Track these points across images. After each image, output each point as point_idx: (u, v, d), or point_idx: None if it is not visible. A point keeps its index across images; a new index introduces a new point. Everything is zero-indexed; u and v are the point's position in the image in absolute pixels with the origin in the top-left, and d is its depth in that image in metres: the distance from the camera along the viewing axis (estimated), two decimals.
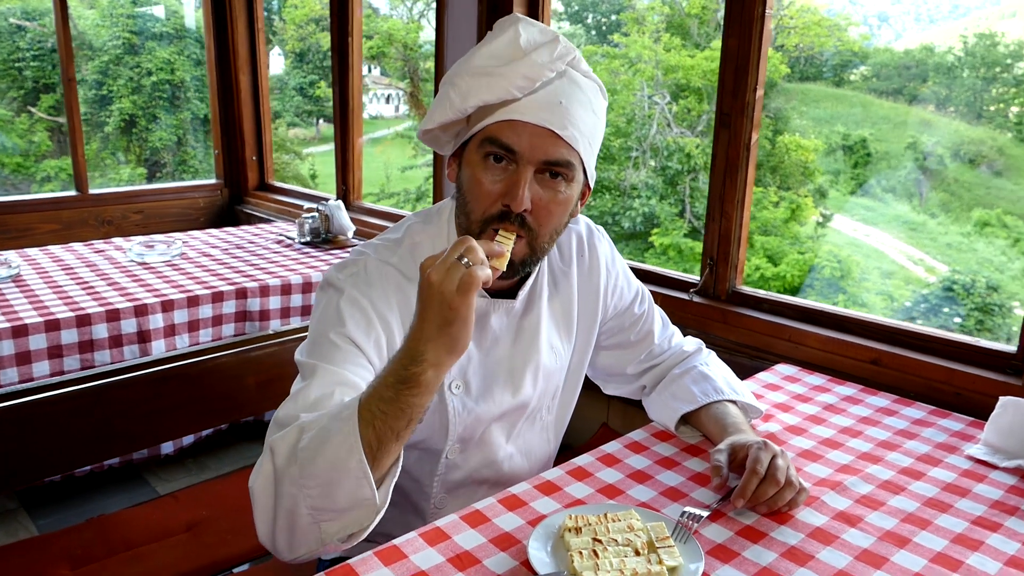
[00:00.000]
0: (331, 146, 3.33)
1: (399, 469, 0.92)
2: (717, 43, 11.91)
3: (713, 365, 1.41)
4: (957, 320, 9.67)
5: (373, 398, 0.88)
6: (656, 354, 1.43)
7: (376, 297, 1.10)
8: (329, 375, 1.01)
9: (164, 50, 12.59)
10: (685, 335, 1.48)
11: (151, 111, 12.73)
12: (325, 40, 13.62)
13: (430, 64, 13.15)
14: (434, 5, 2.59)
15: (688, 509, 1.08)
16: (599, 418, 2.18)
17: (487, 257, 0.89)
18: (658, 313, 1.45)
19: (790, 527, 1.08)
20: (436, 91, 2.56)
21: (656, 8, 12.70)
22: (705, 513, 1.07)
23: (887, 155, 11.63)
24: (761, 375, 1.71)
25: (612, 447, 1.32)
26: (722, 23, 1.93)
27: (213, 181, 3.87)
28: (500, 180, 1.06)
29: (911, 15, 13.03)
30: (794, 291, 10.83)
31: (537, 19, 2.48)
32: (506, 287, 1.20)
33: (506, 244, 1.01)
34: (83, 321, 2.05)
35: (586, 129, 1.08)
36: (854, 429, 1.43)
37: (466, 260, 0.86)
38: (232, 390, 1.60)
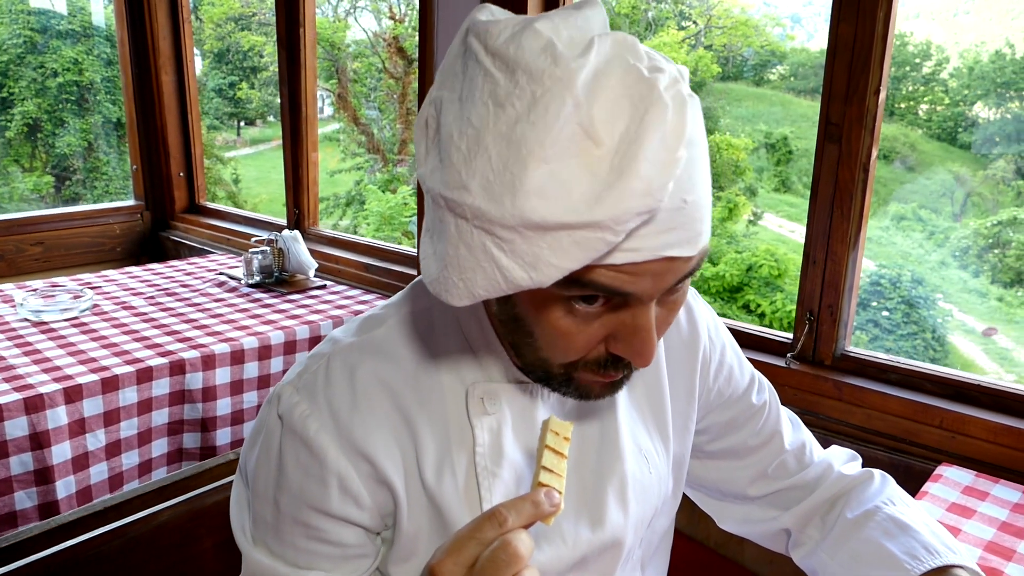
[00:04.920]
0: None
1: None
2: (647, 42, 11.74)
3: (900, 503, 0.91)
4: (885, 314, 9.72)
5: None
6: (792, 470, 0.94)
7: (358, 429, 0.70)
8: None
9: (70, 49, 11.68)
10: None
11: (57, 115, 11.79)
12: (245, 39, 12.92)
13: (357, 64, 12.55)
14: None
15: None
16: None
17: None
18: (784, 410, 0.97)
19: None
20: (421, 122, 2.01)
21: None
22: None
23: (807, 152, 11.69)
24: (931, 488, 1.23)
25: None
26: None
27: (131, 203, 3.20)
28: (600, 322, 0.63)
29: (822, 16, 13.46)
30: (734, 290, 10.84)
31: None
32: None
33: (557, 482, 0.58)
34: None
35: (707, 191, 0.61)
36: None
37: None
38: (179, 561, 0.99)
